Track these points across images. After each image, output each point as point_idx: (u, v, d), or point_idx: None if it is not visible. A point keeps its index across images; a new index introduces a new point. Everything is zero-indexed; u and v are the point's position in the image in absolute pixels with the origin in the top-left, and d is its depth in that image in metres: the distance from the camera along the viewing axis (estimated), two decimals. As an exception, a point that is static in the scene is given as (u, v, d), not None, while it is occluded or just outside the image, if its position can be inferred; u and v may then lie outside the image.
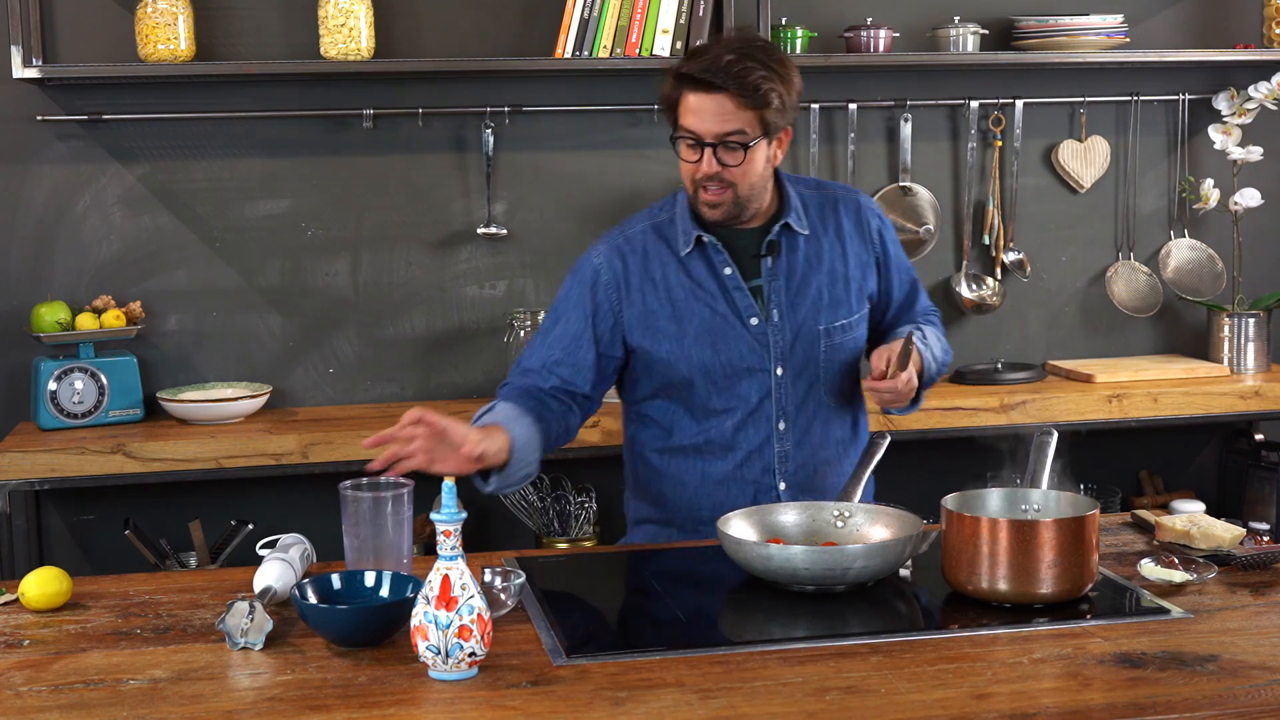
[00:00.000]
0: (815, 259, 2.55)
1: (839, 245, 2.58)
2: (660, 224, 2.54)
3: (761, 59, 2.37)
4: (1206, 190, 3.98)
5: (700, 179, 2.42)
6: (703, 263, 2.50)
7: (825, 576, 2.06)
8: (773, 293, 2.51)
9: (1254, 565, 2.18)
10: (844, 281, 2.56)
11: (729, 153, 2.39)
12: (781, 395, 2.51)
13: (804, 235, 2.54)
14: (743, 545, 2.13)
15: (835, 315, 2.54)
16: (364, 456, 3.37)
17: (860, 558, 2.06)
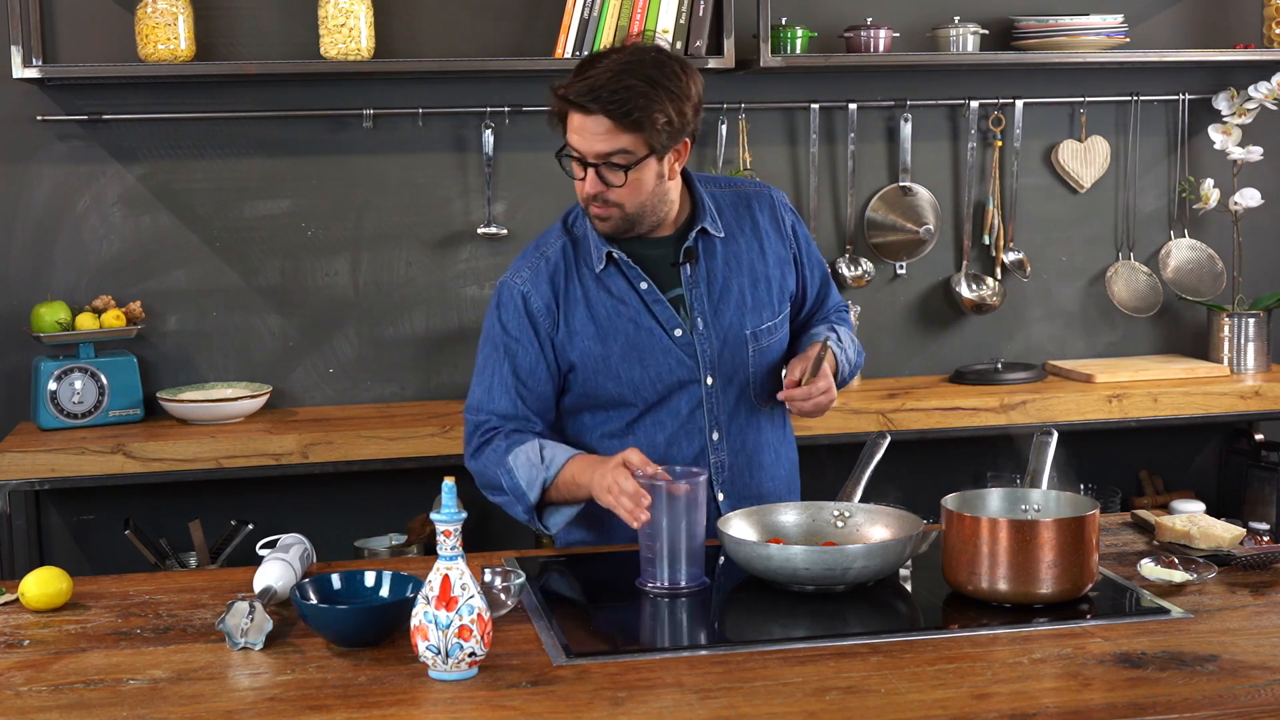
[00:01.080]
0: (735, 261, 2.46)
1: (757, 244, 2.49)
2: (576, 239, 2.45)
3: (647, 75, 2.28)
4: (1206, 190, 3.98)
5: (585, 197, 2.37)
6: (620, 277, 2.42)
7: (825, 576, 2.06)
8: (694, 301, 2.42)
9: (1254, 565, 2.18)
10: (765, 281, 2.48)
11: (611, 172, 2.30)
12: (713, 404, 2.44)
13: (720, 238, 2.45)
14: (743, 545, 2.13)
15: (760, 318, 2.46)
16: (363, 456, 3.38)
17: (860, 558, 2.06)
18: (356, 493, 3.76)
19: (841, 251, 3.95)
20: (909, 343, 4.01)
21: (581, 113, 2.27)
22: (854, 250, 3.94)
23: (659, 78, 2.28)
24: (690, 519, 2.11)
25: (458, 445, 3.40)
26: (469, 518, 1.83)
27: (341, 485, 3.72)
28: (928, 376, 3.96)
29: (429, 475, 3.39)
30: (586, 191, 2.34)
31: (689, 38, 3.60)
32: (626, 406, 2.43)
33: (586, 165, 2.31)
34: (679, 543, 2.11)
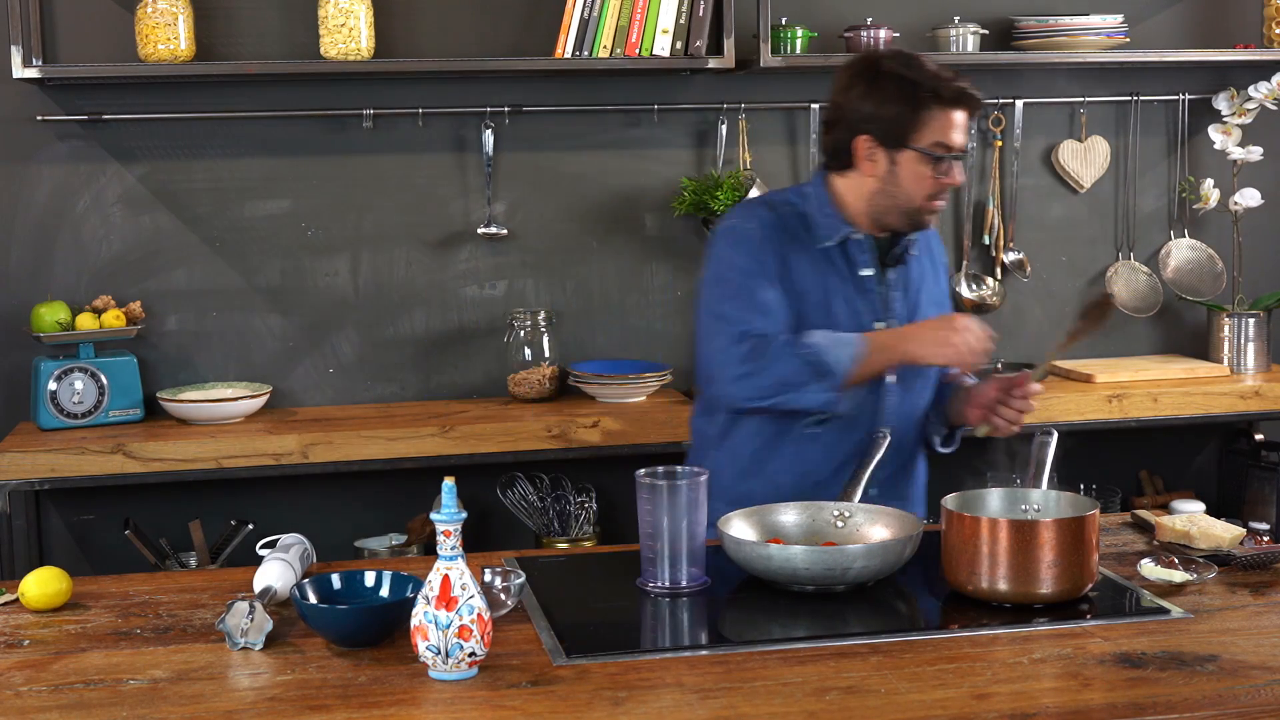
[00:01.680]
0: (920, 278, 2.65)
1: (932, 271, 2.69)
2: (801, 213, 2.58)
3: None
4: (1206, 190, 3.98)
5: (935, 192, 2.52)
6: (842, 259, 2.55)
7: (825, 576, 2.06)
8: (891, 301, 2.58)
9: (1254, 565, 2.18)
10: (936, 305, 2.66)
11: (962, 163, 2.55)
12: (891, 400, 2.56)
13: (913, 255, 2.63)
14: (742, 545, 2.13)
15: None
16: (363, 456, 3.38)
17: (860, 558, 2.06)
18: (356, 493, 3.76)
19: (841, 251, 3.95)
20: (909, 343, 4.01)
21: (963, 108, 2.48)
22: (854, 250, 3.94)
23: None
24: (690, 519, 2.11)
25: (458, 445, 3.40)
26: (469, 518, 1.83)
27: (341, 485, 3.72)
28: (928, 376, 3.96)
29: (429, 475, 3.39)
30: (957, 182, 2.53)
31: (689, 38, 3.60)
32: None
33: (955, 160, 2.51)
34: (679, 543, 2.11)
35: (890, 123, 2.48)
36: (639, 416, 3.48)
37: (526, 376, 3.68)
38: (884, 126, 2.49)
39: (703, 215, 3.76)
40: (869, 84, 2.50)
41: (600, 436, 3.45)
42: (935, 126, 2.47)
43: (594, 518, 3.69)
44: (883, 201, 2.54)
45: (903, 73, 2.48)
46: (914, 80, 2.47)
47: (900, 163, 2.50)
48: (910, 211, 2.54)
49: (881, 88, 2.49)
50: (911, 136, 2.48)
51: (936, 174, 2.50)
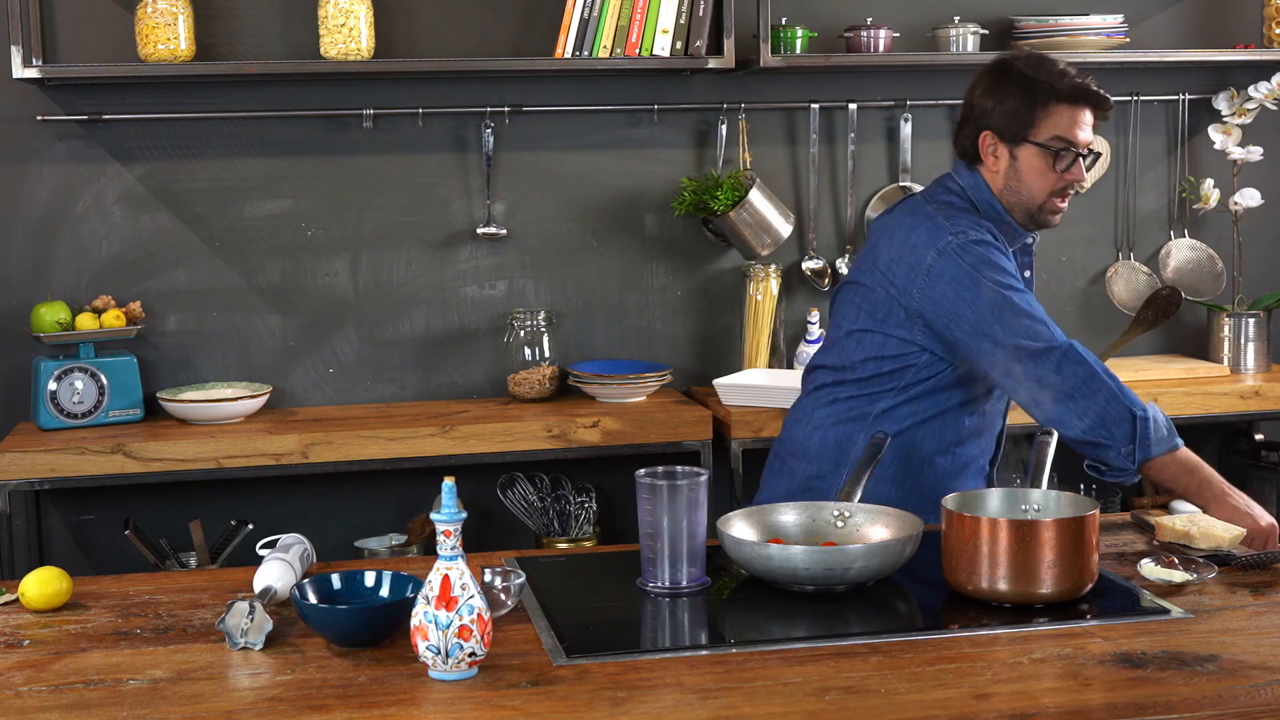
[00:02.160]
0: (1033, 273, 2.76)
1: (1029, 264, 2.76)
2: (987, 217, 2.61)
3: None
4: (1206, 190, 3.98)
5: (1062, 189, 2.58)
6: (1020, 263, 2.66)
7: (825, 576, 2.06)
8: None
9: (1254, 565, 2.18)
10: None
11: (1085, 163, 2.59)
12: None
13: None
14: (743, 545, 2.13)
15: None
16: (363, 456, 3.38)
17: (860, 558, 2.06)
18: (356, 493, 3.76)
19: (841, 251, 3.95)
20: (909, 343, 4.01)
21: (1089, 106, 2.54)
22: (854, 250, 3.94)
23: None
24: (690, 519, 2.11)
25: (458, 445, 3.40)
26: (469, 518, 1.83)
27: (341, 485, 3.72)
28: (928, 376, 3.96)
29: (429, 475, 3.40)
30: (1076, 178, 2.57)
31: (689, 38, 3.60)
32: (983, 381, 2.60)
33: (1079, 157, 2.56)
34: (679, 543, 2.11)
35: (1010, 117, 2.54)
36: (639, 416, 3.48)
37: (526, 376, 3.68)
38: (1004, 121, 2.55)
39: (703, 215, 3.77)
40: (993, 80, 2.56)
41: (600, 436, 3.45)
42: (1053, 120, 2.53)
43: (594, 518, 3.69)
44: (1008, 199, 2.60)
45: (1025, 70, 2.54)
46: (1034, 76, 2.52)
47: (1020, 158, 2.56)
48: (1033, 210, 2.60)
49: (1003, 84, 2.55)
50: (1030, 131, 2.53)
51: (1057, 170, 2.54)
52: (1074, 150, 2.55)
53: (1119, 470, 2.43)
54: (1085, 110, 2.54)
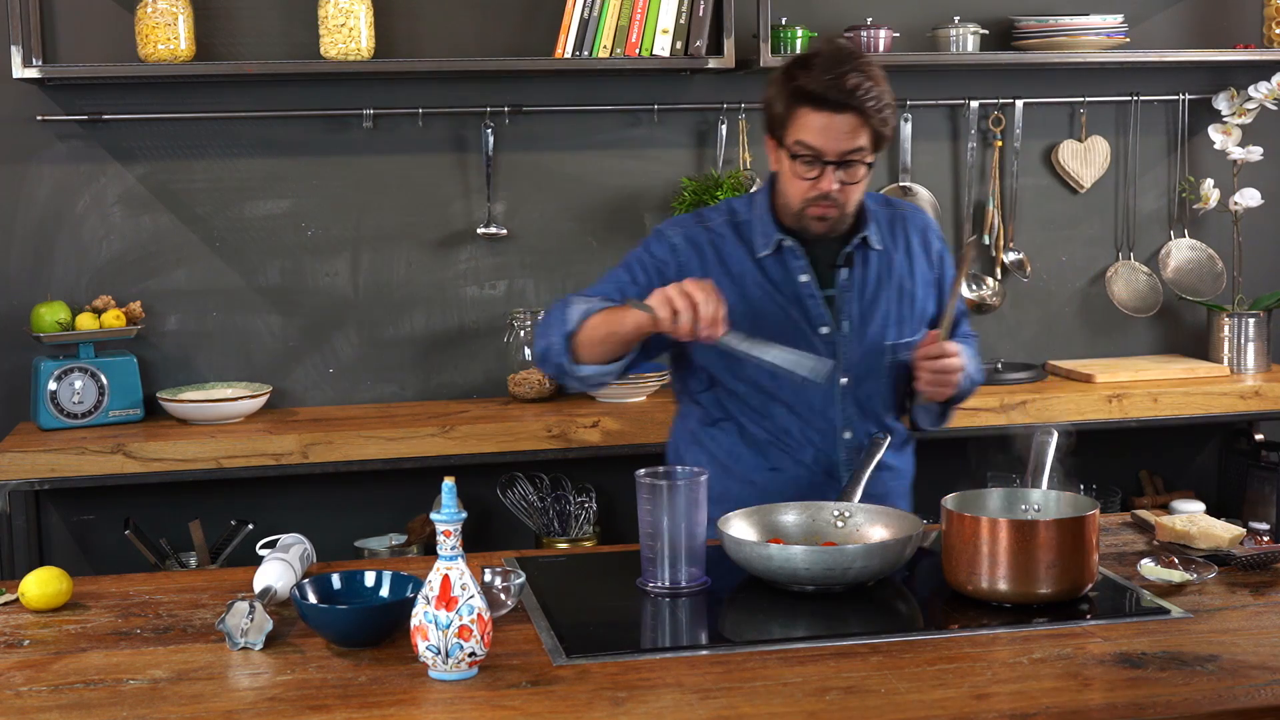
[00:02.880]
0: (887, 275, 2.54)
1: (908, 264, 2.58)
2: (740, 224, 2.53)
3: (877, 75, 2.39)
4: (1206, 190, 3.98)
5: (815, 196, 2.41)
6: (779, 267, 2.49)
7: (825, 576, 2.06)
8: (845, 304, 2.51)
9: (1254, 565, 2.18)
10: (911, 300, 2.57)
11: (849, 170, 2.39)
12: (846, 404, 2.52)
13: (877, 250, 2.54)
14: (743, 545, 2.13)
15: (901, 333, 2.55)
16: (363, 456, 3.38)
17: (860, 558, 2.06)
18: (356, 493, 3.76)
19: (841, 251, 3.95)
20: (909, 343, 4.01)
21: (832, 110, 2.35)
22: (854, 250, 3.94)
23: (882, 77, 2.41)
24: (690, 519, 2.11)
25: (458, 445, 3.40)
26: (469, 518, 1.83)
27: (341, 485, 3.72)
28: (928, 376, 3.96)
29: (429, 475, 3.40)
30: (824, 189, 2.40)
31: (689, 38, 3.60)
32: (763, 390, 2.50)
33: (824, 164, 2.38)
34: (679, 543, 2.11)
35: (772, 116, 2.44)
36: (639, 416, 3.48)
37: (526, 376, 3.68)
38: (769, 119, 2.46)
39: (703, 215, 3.76)
40: (775, 77, 2.46)
41: (600, 436, 3.45)
42: (801, 124, 2.38)
43: (594, 518, 3.69)
44: (781, 200, 2.49)
45: (794, 69, 2.40)
46: (796, 76, 2.39)
47: (781, 159, 2.44)
48: (794, 215, 2.46)
49: (776, 82, 2.44)
50: (784, 133, 2.42)
51: (803, 176, 2.40)
52: (820, 160, 2.37)
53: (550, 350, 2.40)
54: (839, 116, 2.35)
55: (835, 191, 2.40)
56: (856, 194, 2.45)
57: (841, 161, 2.38)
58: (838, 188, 2.40)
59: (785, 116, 2.40)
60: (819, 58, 2.39)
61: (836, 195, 2.40)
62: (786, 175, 2.43)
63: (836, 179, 2.39)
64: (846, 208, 2.45)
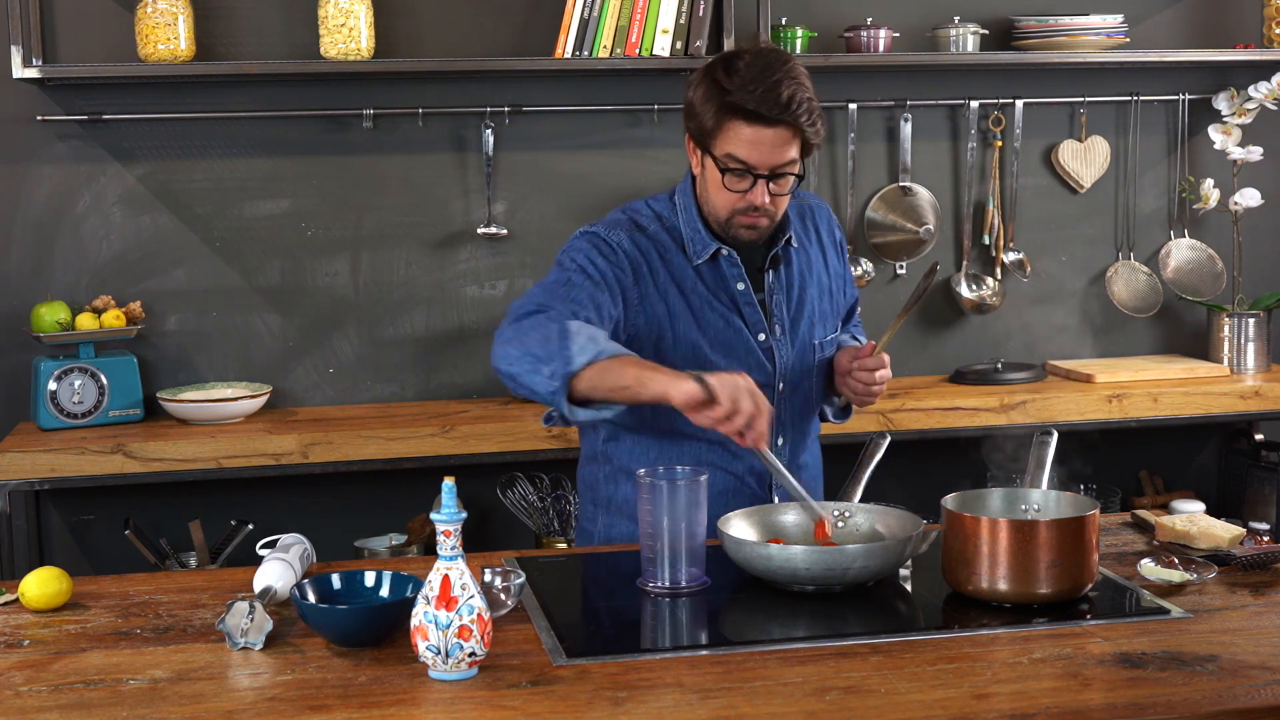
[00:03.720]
0: (807, 271, 2.50)
1: (823, 257, 2.54)
2: (670, 229, 2.43)
3: (807, 84, 2.32)
4: (1206, 190, 3.98)
5: (744, 208, 2.34)
6: (714, 273, 2.42)
7: (825, 576, 2.06)
8: (774, 308, 2.46)
9: (1254, 565, 2.18)
10: (829, 294, 2.53)
11: (778, 183, 2.33)
12: (781, 410, 2.47)
13: (795, 247, 2.49)
14: (743, 545, 2.13)
15: (825, 330, 2.52)
16: (363, 456, 3.38)
17: (860, 558, 2.06)
18: (356, 493, 3.76)
19: (841, 251, 3.95)
20: (909, 343, 4.02)
21: (765, 125, 2.27)
22: (854, 250, 3.94)
23: (810, 84, 2.34)
24: (690, 519, 2.11)
25: (458, 445, 3.40)
26: (469, 518, 1.83)
27: (341, 485, 3.72)
28: (928, 376, 3.96)
29: (429, 475, 3.40)
30: (755, 202, 2.32)
31: (689, 38, 3.60)
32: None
33: (755, 177, 2.30)
34: (679, 543, 2.11)
35: (698, 122, 2.32)
36: (639, 416, 3.48)
37: (526, 376, 3.67)
38: (695, 126, 2.33)
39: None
40: (700, 77, 2.35)
41: (600, 436, 3.45)
42: (731, 137, 2.28)
43: (594, 518, 3.68)
44: (705, 207, 2.40)
45: (720, 76, 2.29)
46: (723, 85, 2.27)
47: (707, 167, 2.35)
48: (721, 224, 2.38)
49: (701, 87, 2.32)
50: (711, 142, 2.31)
51: (733, 189, 2.32)
52: (752, 173, 2.30)
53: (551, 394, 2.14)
54: (772, 130, 2.27)
55: (765, 204, 2.34)
56: (785, 203, 2.38)
57: (772, 174, 2.32)
58: (768, 200, 2.33)
59: (715, 128, 2.30)
60: (744, 61, 2.29)
61: (766, 206, 2.34)
62: (714, 185, 2.35)
63: (767, 191, 2.33)
64: (775, 216, 2.38)
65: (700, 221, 2.42)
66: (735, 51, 2.35)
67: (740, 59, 2.30)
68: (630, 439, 2.49)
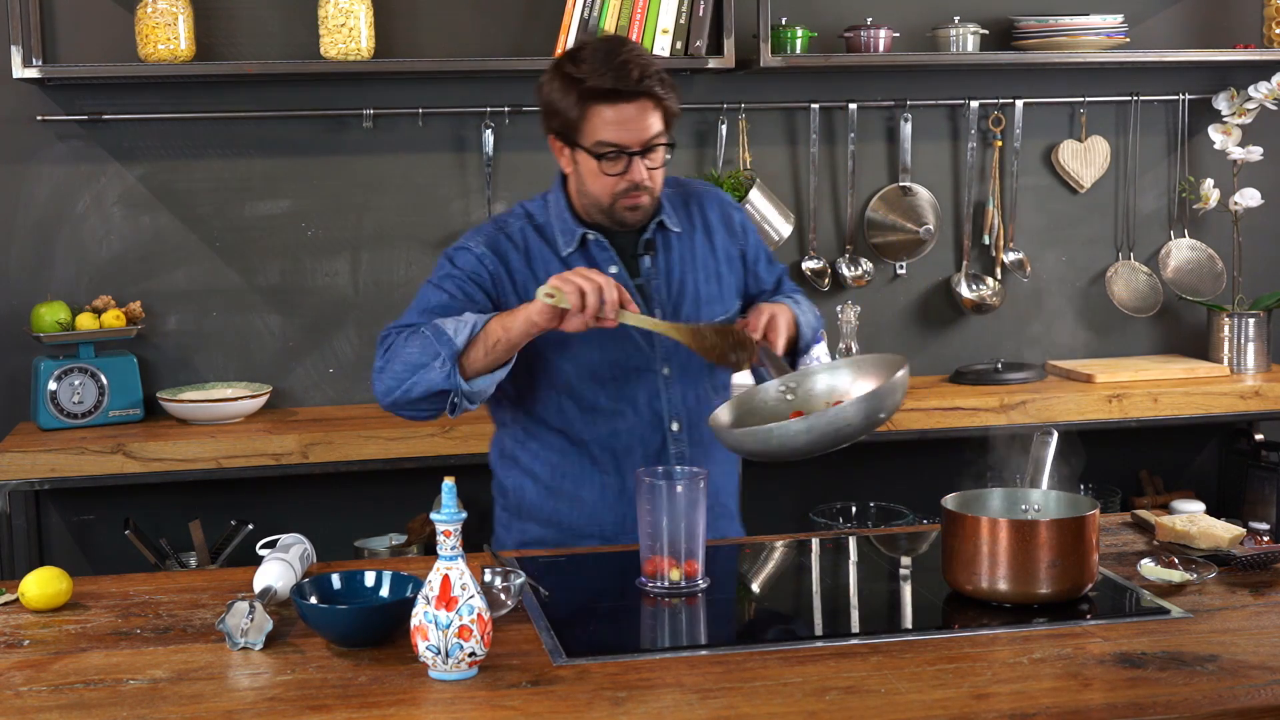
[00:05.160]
0: (689, 256, 2.51)
1: (707, 241, 2.54)
2: (539, 225, 2.47)
3: (652, 58, 2.36)
4: (1206, 190, 3.98)
5: (626, 189, 2.37)
6: (585, 262, 2.43)
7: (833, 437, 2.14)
8: (654, 291, 2.46)
9: (1254, 565, 2.18)
10: (717, 278, 2.53)
11: (651, 156, 2.36)
12: (671, 394, 2.47)
13: (675, 233, 2.50)
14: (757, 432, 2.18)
15: (713, 312, 2.51)
16: (363, 456, 3.38)
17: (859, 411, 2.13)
18: (356, 493, 3.76)
19: (841, 251, 3.95)
20: (909, 343, 4.01)
21: (626, 101, 2.31)
22: (854, 250, 3.94)
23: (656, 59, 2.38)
24: (690, 519, 2.11)
25: (458, 445, 3.40)
26: (469, 518, 1.83)
27: (341, 485, 3.72)
28: (928, 376, 3.96)
29: (429, 475, 3.39)
30: (635, 180, 2.36)
31: (689, 38, 3.60)
32: (586, 390, 2.44)
33: (629, 156, 2.34)
34: (679, 543, 2.11)
35: (560, 119, 2.36)
36: (639, 416, 3.48)
37: (526, 376, 3.67)
38: (558, 124, 2.37)
39: (703, 215, 3.76)
40: (551, 75, 2.38)
41: (600, 436, 3.45)
42: (597, 123, 2.32)
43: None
44: (583, 200, 2.43)
45: (569, 69, 2.33)
46: (575, 76, 2.32)
47: (579, 161, 2.38)
48: (606, 210, 2.41)
49: (555, 83, 2.36)
50: (578, 135, 2.35)
51: (610, 173, 2.35)
52: (625, 153, 2.33)
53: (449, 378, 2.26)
54: (633, 106, 2.31)
55: (644, 179, 2.37)
56: (661, 176, 2.42)
57: (644, 149, 2.35)
58: (646, 176, 2.37)
59: (579, 119, 2.33)
60: (588, 50, 2.34)
61: (645, 183, 2.37)
62: (590, 174, 2.37)
63: (644, 168, 2.36)
64: (656, 191, 2.41)
65: (569, 213, 2.45)
66: (577, 45, 2.39)
67: (583, 50, 2.36)
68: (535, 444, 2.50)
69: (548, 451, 2.49)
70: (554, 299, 2.20)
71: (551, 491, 2.50)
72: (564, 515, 2.48)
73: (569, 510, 2.48)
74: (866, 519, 3.79)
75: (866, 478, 3.92)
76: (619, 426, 2.46)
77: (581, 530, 2.48)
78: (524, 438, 2.51)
